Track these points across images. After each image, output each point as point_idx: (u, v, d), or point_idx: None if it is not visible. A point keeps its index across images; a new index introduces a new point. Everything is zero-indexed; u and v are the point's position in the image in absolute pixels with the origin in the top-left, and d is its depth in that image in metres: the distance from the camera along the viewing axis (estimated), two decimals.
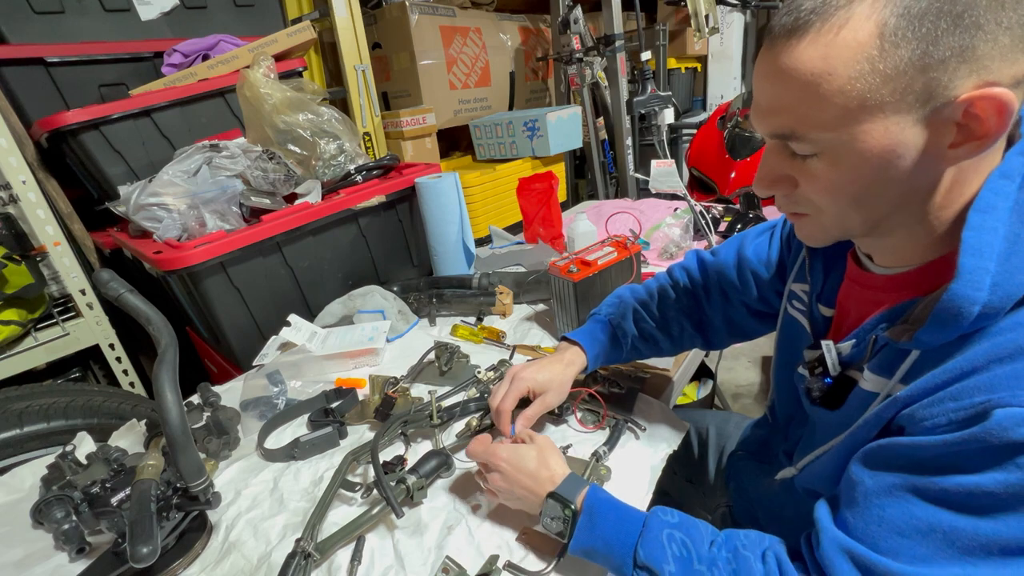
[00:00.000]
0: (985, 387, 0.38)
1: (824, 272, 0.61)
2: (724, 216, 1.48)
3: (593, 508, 0.56)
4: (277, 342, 1.08)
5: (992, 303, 0.38)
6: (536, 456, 0.62)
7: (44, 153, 1.32)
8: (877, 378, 0.48)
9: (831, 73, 0.39)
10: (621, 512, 0.56)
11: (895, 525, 0.42)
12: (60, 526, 0.64)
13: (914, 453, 0.42)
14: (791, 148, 0.45)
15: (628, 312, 0.82)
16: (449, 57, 2.15)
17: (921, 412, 0.41)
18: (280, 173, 1.16)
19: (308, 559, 0.59)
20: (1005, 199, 0.40)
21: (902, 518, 0.42)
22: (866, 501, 0.44)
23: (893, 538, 0.42)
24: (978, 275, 0.39)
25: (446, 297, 1.19)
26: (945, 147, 0.40)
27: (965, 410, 0.39)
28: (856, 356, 0.51)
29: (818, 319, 0.61)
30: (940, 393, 0.41)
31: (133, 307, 0.64)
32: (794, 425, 0.68)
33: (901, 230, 0.46)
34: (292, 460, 0.80)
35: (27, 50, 1.23)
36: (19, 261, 1.21)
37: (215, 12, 1.52)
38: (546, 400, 0.74)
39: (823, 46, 0.39)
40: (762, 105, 0.45)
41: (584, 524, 0.56)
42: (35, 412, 0.96)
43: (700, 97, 3.53)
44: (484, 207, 1.97)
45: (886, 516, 0.42)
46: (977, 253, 0.39)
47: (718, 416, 0.99)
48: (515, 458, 0.62)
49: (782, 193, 0.49)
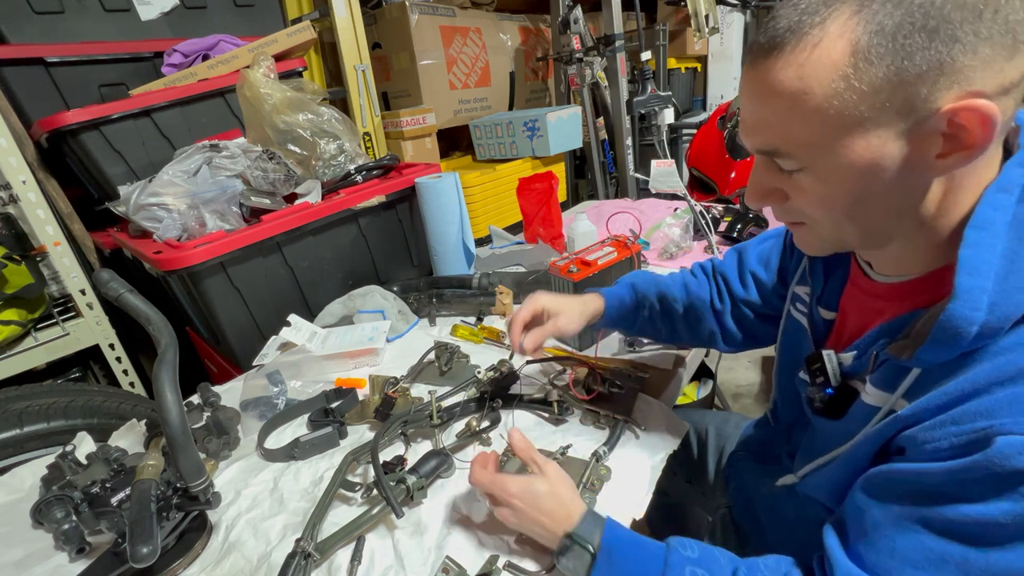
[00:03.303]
0: (986, 412, 0.38)
1: (825, 275, 0.61)
2: (724, 216, 1.48)
3: (612, 548, 0.54)
4: (277, 342, 1.08)
5: (990, 323, 0.38)
6: (549, 492, 0.58)
7: (44, 153, 1.31)
8: (879, 392, 0.47)
9: (807, 92, 0.40)
10: (640, 550, 0.54)
11: (907, 557, 0.41)
12: (60, 526, 0.64)
13: (919, 480, 0.41)
14: (778, 164, 0.45)
15: (652, 286, 0.84)
16: (449, 57, 2.15)
17: (922, 435, 0.41)
18: (280, 173, 1.16)
19: (308, 559, 0.59)
20: (1004, 213, 0.40)
21: (914, 549, 0.41)
22: (876, 532, 0.44)
23: (907, 571, 0.41)
24: (975, 295, 0.38)
25: (446, 297, 1.19)
26: (932, 158, 0.40)
27: (967, 435, 0.38)
28: (858, 368, 0.50)
29: (818, 322, 0.61)
30: (942, 416, 0.40)
31: (133, 307, 0.64)
32: (797, 428, 0.68)
33: (899, 240, 0.46)
34: (292, 460, 0.80)
35: (27, 50, 1.23)
36: (19, 261, 1.21)
37: (215, 12, 1.52)
38: (558, 323, 0.76)
39: (798, 66, 0.39)
40: (747, 122, 0.46)
41: (603, 565, 0.53)
42: (35, 412, 0.96)
43: (700, 97, 3.53)
44: (484, 207, 1.97)
45: (897, 548, 0.42)
46: (974, 272, 0.39)
47: (718, 416, 0.99)
48: (529, 495, 0.58)
49: (774, 204, 0.50)
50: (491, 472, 0.61)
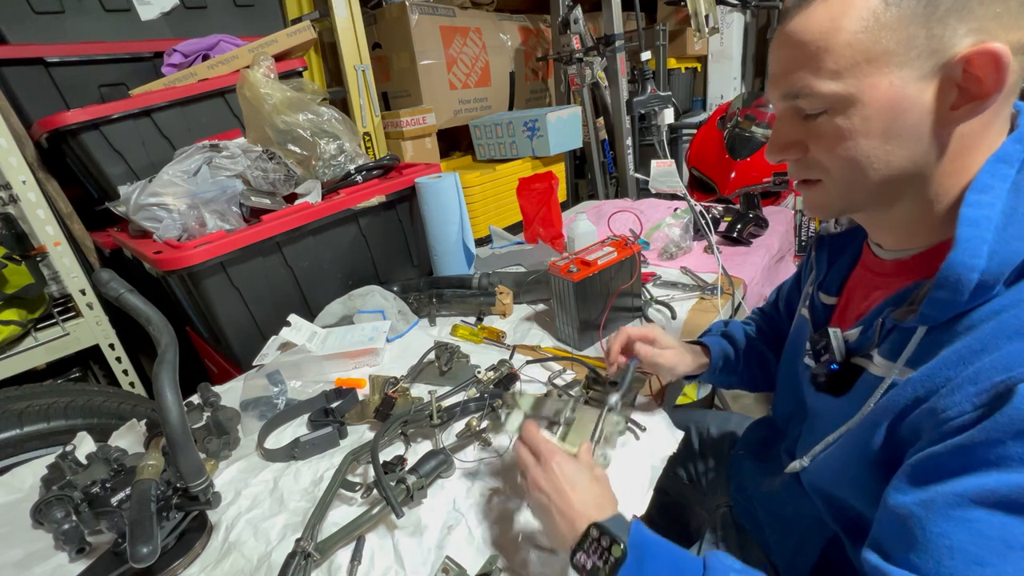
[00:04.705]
0: (1002, 366, 0.38)
1: (829, 261, 0.62)
2: (724, 216, 1.48)
3: (642, 548, 0.49)
4: (277, 342, 1.08)
5: (991, 270, 0.40)
6: (592, 478, 0.56)
7: (44, 153, 1.31)
8: (886, 362, 0.48)
9: (838, 29, 0.43)
10: (674, 556, 0.50)
11: (968, 553, 0.37)
12: (60, 526, 0.64)
13: (952, 457, 0.39)
14: (802, 110, 0.48)
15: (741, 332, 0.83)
16: (449, 57, 2.15)
17: (941, 403, 0.40)
18: (280, 173, 1.16)
19: (308, 559, 0.59)
20: (1003, 180, 0.42)
21: (973, 542, 0.37)
22: (925, 535, 0.39)
23: (973, 569, 0.37)
24: (975, 244, 0.40)
25: (446, 297, 1.19)
26: (947, 109, 0.42)
27: (987, 392, 0.38)
28: (864, 343, 0.51)
29: (818, 306, 0.62)
30: (957, 378, 0.40)
31: (133, 307, 0.64)
32: (794, 422, 0.68)
33: (906, 201, 0.48)
34: (292, 460, 0.80)
35: (27, 50, 1.23)
36: (19, 261, 1.21)
37: (215, 12, 1.52)
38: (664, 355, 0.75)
39: (830, 7, 0.44)
40: (775, 70, 0.49)
41: (634, 561, 0.48)
42: (35, 412, 0.96)
43: (700, 97, 3.52)
44: (484, 207, 1.96)
45: (955, 545, 0.38)
46: (974, 224, 0.41)
47: (718, 416, 0.99)
48: (570, 469, 0.55)
49: (792, 158, 0.52)
50: (544, 437, 0.60)
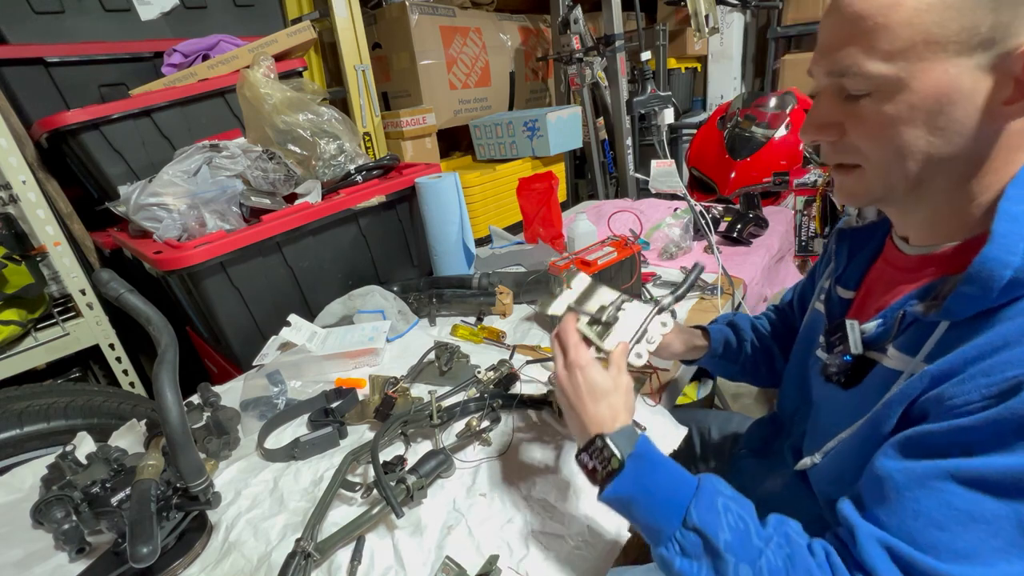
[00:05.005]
0: (1017, 362, 0.37)
1: (849, 255, 0.61)
2: (724, 216, 1.48)
3: (644, 456, 0.52)
4: (277, 342, 1.08)
5: None
6: (612, 388, 0.57)
7: (44, 153, 1.31)
8: (903, 356, 0.47)
9: (899, 4, 0.40)
10: (671, 468, 0.52)
11: (932, 518, 0.39)
12: (60, 526, 0.64)
13: (947, 436, 0.40)
14: (845, 90, 0.45)
15: (748, 324, 0.83)
16: (449, 57, 2.15)
17: (951, 391, 0.40)
18: (280, 173, 1.16)
19: (308, 559, 0.59)
20: None
21: (939, 510, 0.39)
22: (898, 496, 0.41)
23: (931, 532, 0.39)
24: (1012, 239, 0.38)
25: (446, 297, 1.18)
26: (1000, 103, 0.40)
27: (997, 385, 0.38)
28: (881, 336, 0.50)
29: (835, 300, 0.61)
30: (971, 369, 0.39)
31: (133, 307, 0.64)
32: (799, 418, 0.68)
33: (941, 195, 0.46)
34: (292, 460, 0.80)
35: (27, 50, 1.23)
36: (19, 261, 1.21)
37: (215, 12, 1.52)
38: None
39: None
40: (825, 44, 0.45)
41: (631, 470, 0.51)
42: (35, 412, 0.96)
43: (700, 97, 3.53)
44: (484, 207, 1.97)
45: (921, 509, 0.40)
46: (1013, 219, 0.39)
47: (719, 416, 0.99)
48: (595, 373, 0.57)
49: (828, 140, 0.49)
50: (577, 339, 0.61)
